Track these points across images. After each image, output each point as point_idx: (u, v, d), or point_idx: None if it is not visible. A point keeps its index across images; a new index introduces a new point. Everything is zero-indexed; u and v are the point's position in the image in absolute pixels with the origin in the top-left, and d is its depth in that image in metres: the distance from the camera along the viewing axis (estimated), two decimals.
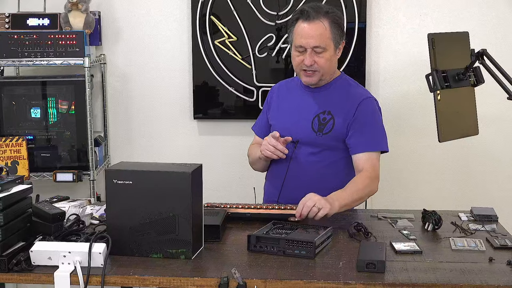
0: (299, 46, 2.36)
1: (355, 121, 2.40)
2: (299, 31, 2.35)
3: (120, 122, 3.43)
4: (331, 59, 2.39)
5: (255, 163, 2.59)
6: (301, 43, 2.34)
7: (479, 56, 1.92)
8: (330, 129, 2.41)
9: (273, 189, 2.52)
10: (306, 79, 2.42)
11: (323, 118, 2.43)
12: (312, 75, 2.39)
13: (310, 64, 2.35)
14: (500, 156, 3.31)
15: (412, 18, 3.24)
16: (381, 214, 2.31)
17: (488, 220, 2.23)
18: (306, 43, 2.33)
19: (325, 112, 2.44)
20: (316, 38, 2.33)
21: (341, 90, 2.48)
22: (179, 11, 3.31)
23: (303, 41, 2.34)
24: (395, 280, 1.67)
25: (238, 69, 3.28)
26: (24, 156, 3.03)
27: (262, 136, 2.60)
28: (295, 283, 1.68)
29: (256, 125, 2.70)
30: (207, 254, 1.89)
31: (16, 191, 1.84)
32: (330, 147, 2.43)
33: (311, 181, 2.43)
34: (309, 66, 2.36)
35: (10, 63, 3.07)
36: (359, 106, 2.41)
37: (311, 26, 2.33)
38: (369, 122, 2.42)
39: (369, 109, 2.44)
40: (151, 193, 1.82)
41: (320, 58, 2.35)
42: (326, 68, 2.39)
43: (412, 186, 3.36)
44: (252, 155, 2.59)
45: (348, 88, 2.49)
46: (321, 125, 2.42)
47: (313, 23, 2.33)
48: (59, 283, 1.71)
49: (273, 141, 2.38)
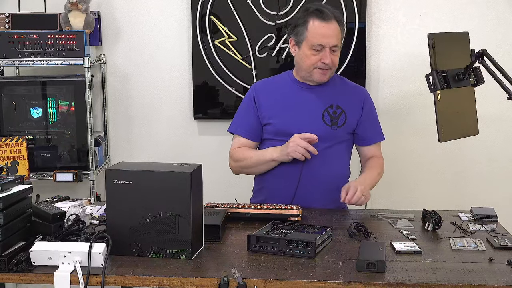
0: (318, 45, 2.40)
1: (364, 114, 2.55)
2: (318, 31, 2.40)
3: (120, 122, 3.43)
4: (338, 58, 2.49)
5: (259, 165, 2.50)
6: (322, 42, 2.39)
7: (479, 56, 1.92)
8: (343, 122, 2.50)
9: (284, 187, 2.47)
10: (320, 77, 2.46)
11: (333, 112, 2.49)
12: (326, 73, 2.46)
13: (329, 62, 2.42)
14: (500, 156, 3.31)
15: (412, 18, 3.24)
16: (381, 214, 2.31)
17: (488, 220, 2.23)
18: (326, 42, 2.39)
19: (333, 106, 2.50)
20: (335, 38, 2.41)
21: (341, 85, 2.58)
22: (179, 11, 3.31)
23: (324, 40, 2.39)
24: (395, 280, 1.67)
25: (238, 69, 3.28)
26: (24, 156, 3.03)
27: (251, 138, 2.56)
28: (295, 283, 1.68)
29: (238, 127, 2.59)
30: (207, 254, 1.89)
31: (16, 191, 1.84)
32: (343, 139, 2.52)
33: (326, 176, 2.46)
34: (326, 65, 2.42)
35: (10, 63, 3.07)
36: (365, 100, 2.58)
37: (330, 25, 2.40)
38: (374, 115, 2.62)
39: (372, 102, 2.62)
40: (151, 193, 1.82)
41: (335, 56, 2.44)
42: (336, 66, 2.50)
43: (412, 186, 3.36)
44: (254, 158, 2.50)
45: (345, 83, 2.63)
46: (333, 118, 2.48)
47: (330, 23, 2.40)
48: (59, 283, 1.71)
49: (304, 143, 2.35)
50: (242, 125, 2.58)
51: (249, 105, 2.57)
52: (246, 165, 2.54)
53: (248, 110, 2.58)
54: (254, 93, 2.58)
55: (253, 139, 2.57)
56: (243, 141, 2.57)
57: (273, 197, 2.49)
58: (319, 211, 2.38)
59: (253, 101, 2.56)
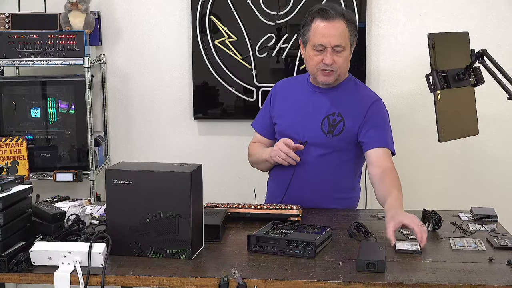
0: (319, 45, 2.33)
1: (367, 121, 2.40)
2: (320, 30, 2.33)
3: (120, 122, 3.43)
4: (348, 59, 2.40)
5: (259, 163, 2.56)
6: (322, 41, 2.32)
7: (479, 56, 1.92)
8: (340, 130, 2.40)
9: (277, 189, 2.49)
10: (324, 79, 2.39)
11: (333, 120, 2.41)
12: (330, 75, 2.37)
13: (330, 63, 2.33)
14: (500, 156, 3.30)
15: (412, 18, 3.24)
16: (381, 214, 2.31)
17: (488, 220, 2.23)
18: (327, 42, 2.32)
19: (334, 113, 2.42)
20: (337, 37, 2.32)
21: (351, 92, 2.47)
22: (179, 11, 3.31)
23: (324, 40, 2.32)
24: (395, 280, 1.67)
25: (238, 69, 3.28)
26: (24, 156, 3.03)
27: (265, 134, 2.60)
28: (295, 283, 1.68)
29: (257, 123, 2.66)
30: (207, 254, 1.89)
31: (16, 191, 1.84)
32: (340, 148, 2.42)
33: (318, 182, 2.44)
34: (328, 66, 2.34)
35: (10, 63, 3.07)
36: (370, 108, 2.42)
37: (332, 24, 2.32)
38: (381, 122, 2.43)
39: (380, 110, 2.46)
40: (151, 193, 1.82)
41: (339, 57, 2.35)
42: (343, 67, 2.39)
43: (412, 186, 3.35)
44: (256, 155, 2.56)
45: (357, 89, 2.50)
46: (331, 126, 2.41)
47: (333, 22, 2.32)
48: (59, 283, 1.71)
49: (286, 148, 2.34)
50: (258, 122, 2.65)
51: (267, 102, 2.63)
52: (252, 160, 2.61)
53: (265, 107, 2.63)
54: (273, 91, 2.62)
55: (267, 136, 2.60)
56: (258, 137, 2.64)
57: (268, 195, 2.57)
58: (319, 211, 2.38)
59: (270, 99, 2.61)
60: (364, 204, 3.32)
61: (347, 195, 2.52)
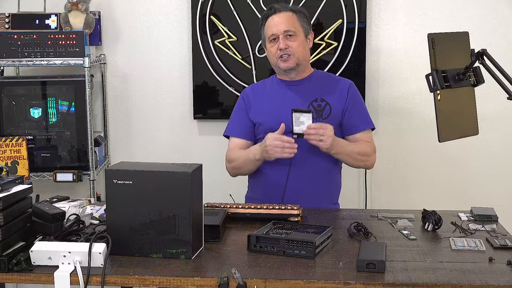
0: (271, 36, 2.49)
1: (349, 104, 2.55)
2: (269, 23, 2.51)
3: (120, 122, 3.43)
4: (303, 45, 2.51)
5: (247, 165, 2.54)
6: (273, 31, 2.48)
7: (479, 56, 1.91)
8: (328, 113, 2.51)
9: (274, 187, 2.49)
10: (284, 65, 2.49)
11: (318, 105, 2.51)
12: (288, 59, 2.48)
13: (284, 47, 2.46)
14: (500, 156, 3.31)
15: (412, 18, 3.24)
16: (381, 214, 2.31)
17: (488, 220, 2.23)
18: (277, 30, 2.47)
19: (317, 99, 2.52)
20: (285, 23, 2.47)
21: (324, 79, 2.61)
22: (179, 11, 3.31)
23: (274, 29, 2.48)
24: (395, 280, 1.67)
25: (238, 69, 3.29)
26: (24, 156, 3.03)
27: (245, 137, 2.60)
28: (295, 283, 1.68)
29: (233, 129, 2.64)
30: (207, 254, 1.89)
31: (16, 191, 1.84)
32: None
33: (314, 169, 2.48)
34: (283, 50, 2.45)
35: (10, 63, 3.07)
36: (350, 90, 2.57)
37: (278, 15, 2.50)
38: (361, 104, 2.61)
39: (357, 92, 2.62)
40: (151, 193, 1.82)
41: (292, 42, 2.48)
42: (300, 52, 2.50)
43: (412, 186, 3.36)
44: (242, 158, 2.54)
45: (329, 77, 2.66)
46: (318, 111, 2.50)
47: (280, 13, 2.51)
48: (59, 283, 1.71)
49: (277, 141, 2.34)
50: (235, 127, 2.64)
51: (241, 106, 2.65)
52: (237, 165, 2.59)
53: (240, 111, 2.64)
54: (244, 96, 2.67)
55: (246, 138, 2.60)
56: (237, 142, 2.61)
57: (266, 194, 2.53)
58: (319, 211, 2.38)
59: (244, 103, 2.64)
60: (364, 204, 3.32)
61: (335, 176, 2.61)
